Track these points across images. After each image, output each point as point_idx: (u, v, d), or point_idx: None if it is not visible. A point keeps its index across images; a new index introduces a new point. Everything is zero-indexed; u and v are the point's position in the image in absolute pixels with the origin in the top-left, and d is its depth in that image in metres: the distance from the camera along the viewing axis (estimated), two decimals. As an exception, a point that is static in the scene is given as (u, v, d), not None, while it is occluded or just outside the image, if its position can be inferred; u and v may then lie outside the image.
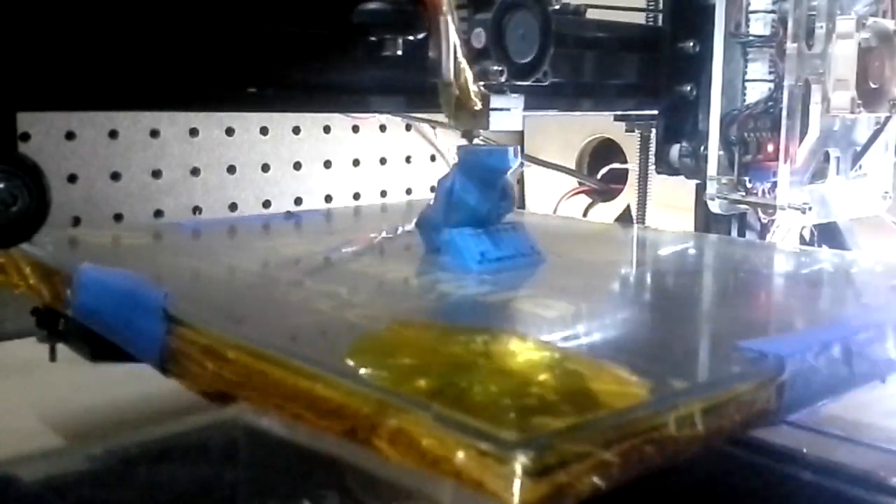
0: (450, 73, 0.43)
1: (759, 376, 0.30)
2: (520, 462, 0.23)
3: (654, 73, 0.63)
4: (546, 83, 0.47)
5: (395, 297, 0.44)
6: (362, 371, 0.30)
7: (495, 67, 0.44)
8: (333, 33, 0.45)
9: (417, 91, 0.46)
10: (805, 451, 0.31)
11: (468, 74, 0.43)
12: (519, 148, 0.47)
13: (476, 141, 0.48)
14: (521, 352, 0.32)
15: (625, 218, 0.84)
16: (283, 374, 0.31)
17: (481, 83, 0.44)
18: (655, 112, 0.65)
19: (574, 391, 0.28)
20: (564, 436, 0.24)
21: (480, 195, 0.46)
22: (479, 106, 0.44)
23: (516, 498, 0.23)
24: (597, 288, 0.46)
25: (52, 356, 0.46)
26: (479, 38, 0.44)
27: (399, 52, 0.44)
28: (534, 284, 0.46)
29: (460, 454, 0.24)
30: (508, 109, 0.45)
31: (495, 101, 0.44)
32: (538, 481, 0.23)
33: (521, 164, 0.91)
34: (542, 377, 0.29)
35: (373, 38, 0.44)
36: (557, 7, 0.49)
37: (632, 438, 0.25)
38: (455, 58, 0.43)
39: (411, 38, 0.44)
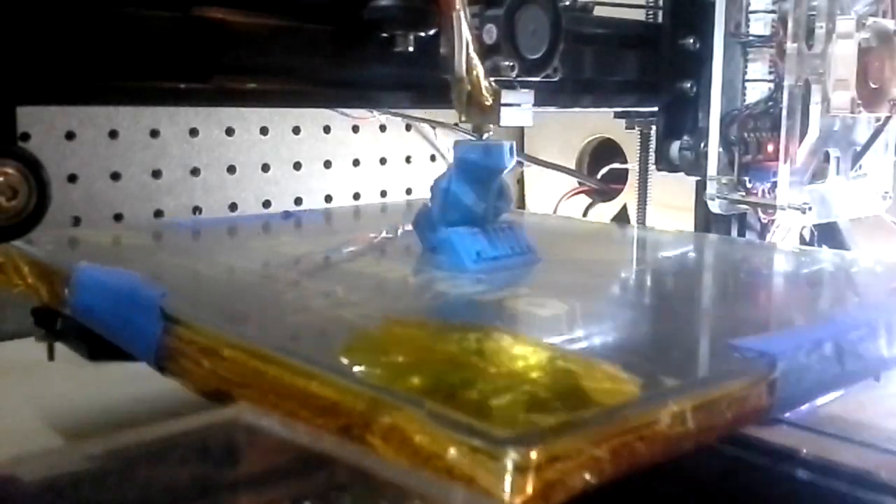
0: (462, 68, 0.43)
1: (751, 374, 0.30)
2: (511, 458, 0.23)
3: (654, 70, 0.63)
4: (556, 79, 0.48)
5: (392, 296, 0.44)
6: (356, 369, 0.30)
7: (506, 63, 0.45)
8: (345, 29, 0.45)
9: (428, 87, 0.47)
10: (804, 450, 0.30)
11: (480, 70, 0.43)
12: (515, 145, 0.47)
13: (469, 137, 0.48)
14: (514, 350, 0.32)
15: (622, 218, 0.85)
16: (279, 373, 0.31)
17: (492, 79, 0.44)
18: (655, 109, 0.65)
19: (566, 389, 0.28)
20: (555, 432, 0.24)
21: (476, 194, 0.46)
22: (490, 101, 0.44)
23: (507, 494, 0.23)
24: (591, 287, 0.46)
25: (51, 355, 0.46)
26: (491, 33, 0.45)
27: (410, 49, 0.45)
28: (529, 283, 0.46)
29: (452, 451, 0.24)
30: (519, 105, 0.45)
31: (506, 96, 0.44)
32: (529, 477, 0.23)
33: (522, 164, 0.92)
34: (535, 375, 0.29)
35: (384, 35, 0.45)
36: (567, 3, 0.49)
37: (622, 435, 0.25)
38: (467, 53, 0.43)
39: (423, 34, 0.45)
